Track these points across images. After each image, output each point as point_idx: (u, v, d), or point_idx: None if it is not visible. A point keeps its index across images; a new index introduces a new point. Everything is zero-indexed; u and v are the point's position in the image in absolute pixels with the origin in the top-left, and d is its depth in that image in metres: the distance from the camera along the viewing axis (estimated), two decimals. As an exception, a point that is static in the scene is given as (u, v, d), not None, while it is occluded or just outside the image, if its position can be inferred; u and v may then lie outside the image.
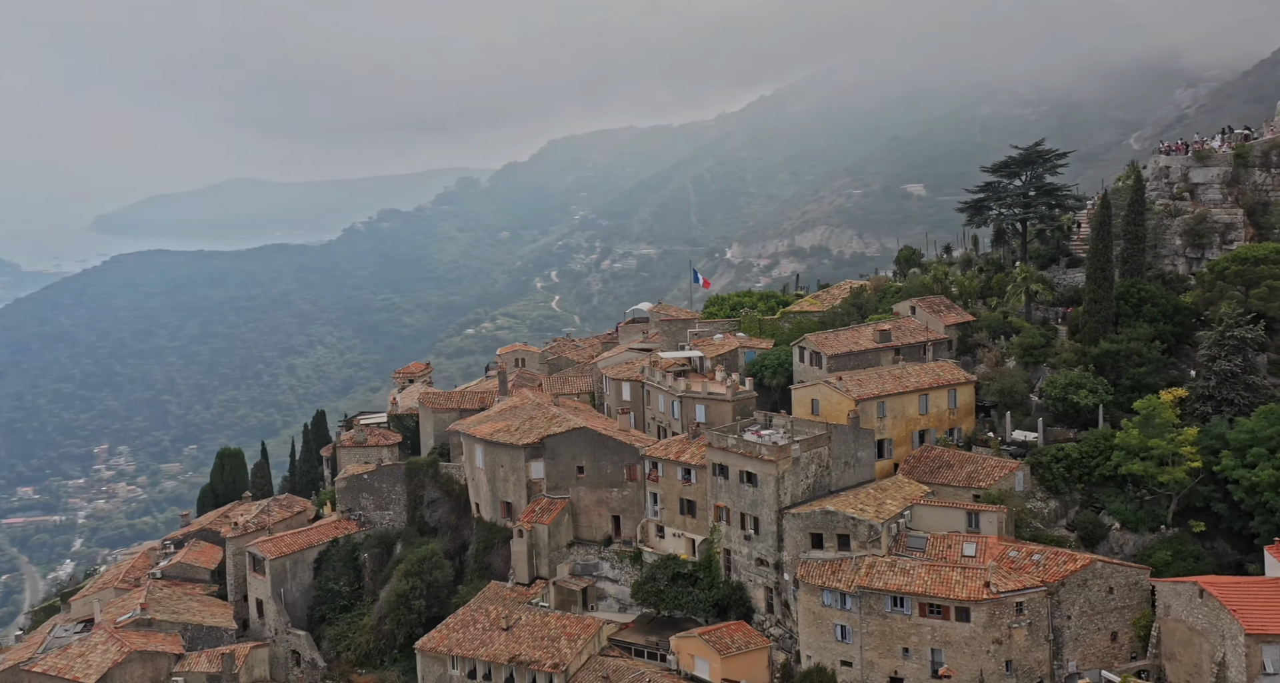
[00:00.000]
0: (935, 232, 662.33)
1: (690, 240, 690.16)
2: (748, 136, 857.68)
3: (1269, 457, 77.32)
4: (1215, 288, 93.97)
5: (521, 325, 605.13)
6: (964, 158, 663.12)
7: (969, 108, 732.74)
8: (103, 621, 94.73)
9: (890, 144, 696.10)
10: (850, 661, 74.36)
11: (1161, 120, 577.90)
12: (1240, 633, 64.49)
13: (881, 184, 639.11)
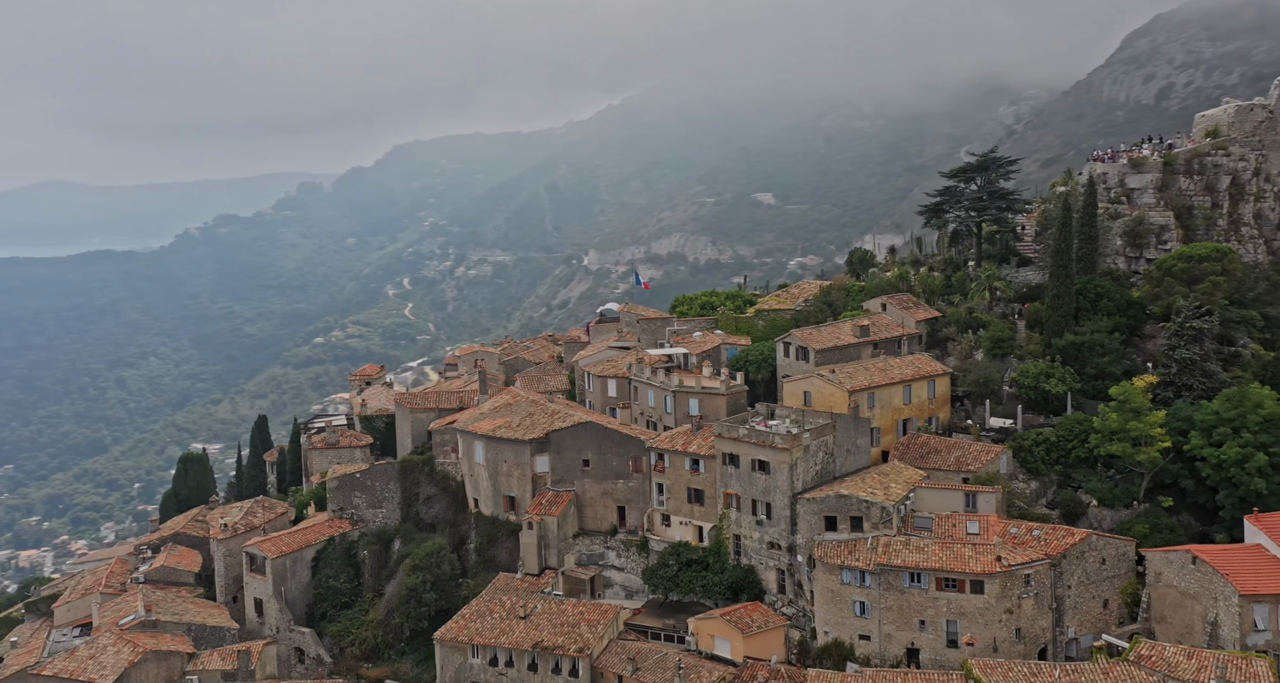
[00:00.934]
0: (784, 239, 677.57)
1: (546, 247, 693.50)
2: (599, 144, 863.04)
3: (1233, 436, 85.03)
4: (1163, 284, 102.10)
5: (374, 334, 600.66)
6: (809, 168, 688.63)
7: (812, 120, 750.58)
8: (102, 624, 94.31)
9: (740, 154, 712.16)
10: (868, 635, 79.38)
11: (990, 135, 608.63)
12: (1234, 594, 71.48)
13: (733, 193, 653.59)
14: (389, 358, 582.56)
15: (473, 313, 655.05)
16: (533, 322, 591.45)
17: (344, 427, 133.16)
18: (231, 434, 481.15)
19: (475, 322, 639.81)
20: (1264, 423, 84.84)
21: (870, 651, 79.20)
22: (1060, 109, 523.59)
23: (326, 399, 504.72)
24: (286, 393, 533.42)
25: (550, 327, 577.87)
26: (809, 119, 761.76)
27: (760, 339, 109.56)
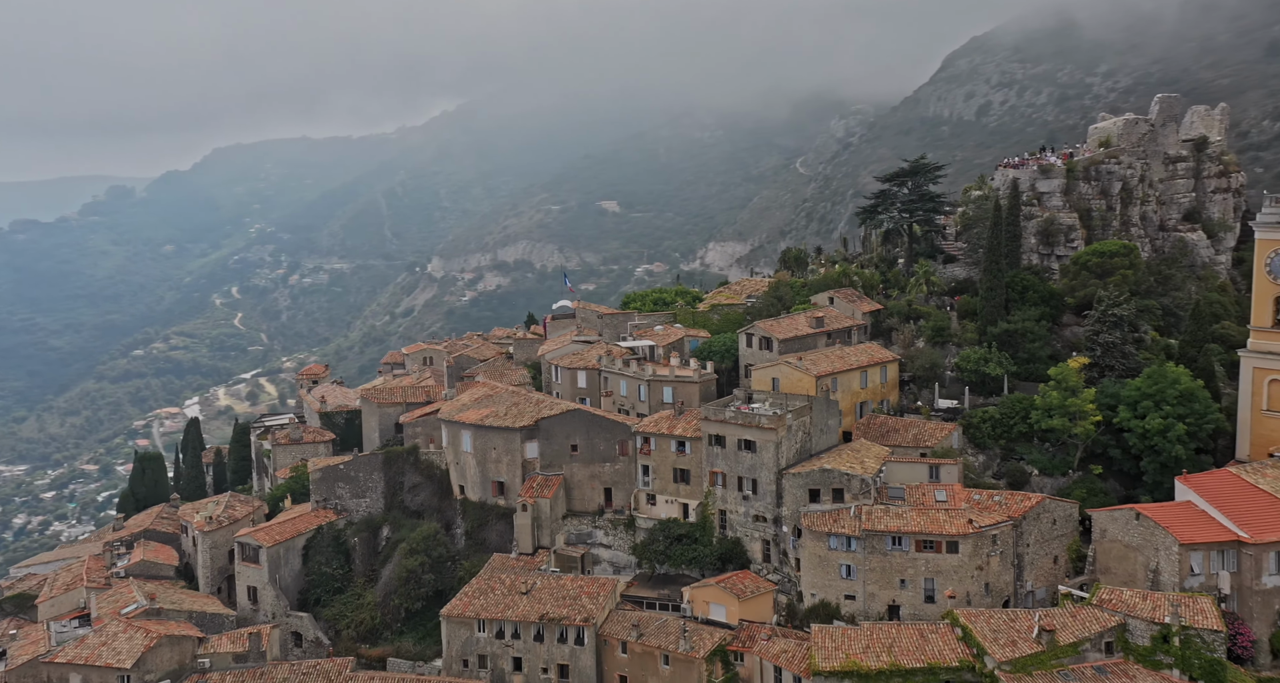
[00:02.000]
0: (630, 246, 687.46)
1: (385, 254, 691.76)
2: (438, 150, 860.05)
3: (1155, 409, 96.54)
4: (1079, 277, 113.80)
5: (201, 345, 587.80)
6: (653, 177, 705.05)
7: (654, 130, 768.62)
8: (102, 614, 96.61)
9: (584, 162, 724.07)
10: (853, 595, 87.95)
11: (823, 148, 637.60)
12: (1174, 544, 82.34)
13: (578, 200, 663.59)
14: (219, 370, 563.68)
15: (309, 322, 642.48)
16: (375, 331, 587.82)
17: (285, 426, 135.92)
18: (40, 454, 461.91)
19: (312, 331, 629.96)
20: (1180, 397, 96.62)
21: (855, 609, 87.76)
22: (891, 123, 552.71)
23: (151, 414, 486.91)
24: (103, 409, 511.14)
25: (395, 335, 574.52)
26: (651, 128, 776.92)
27: (716, 332, 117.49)
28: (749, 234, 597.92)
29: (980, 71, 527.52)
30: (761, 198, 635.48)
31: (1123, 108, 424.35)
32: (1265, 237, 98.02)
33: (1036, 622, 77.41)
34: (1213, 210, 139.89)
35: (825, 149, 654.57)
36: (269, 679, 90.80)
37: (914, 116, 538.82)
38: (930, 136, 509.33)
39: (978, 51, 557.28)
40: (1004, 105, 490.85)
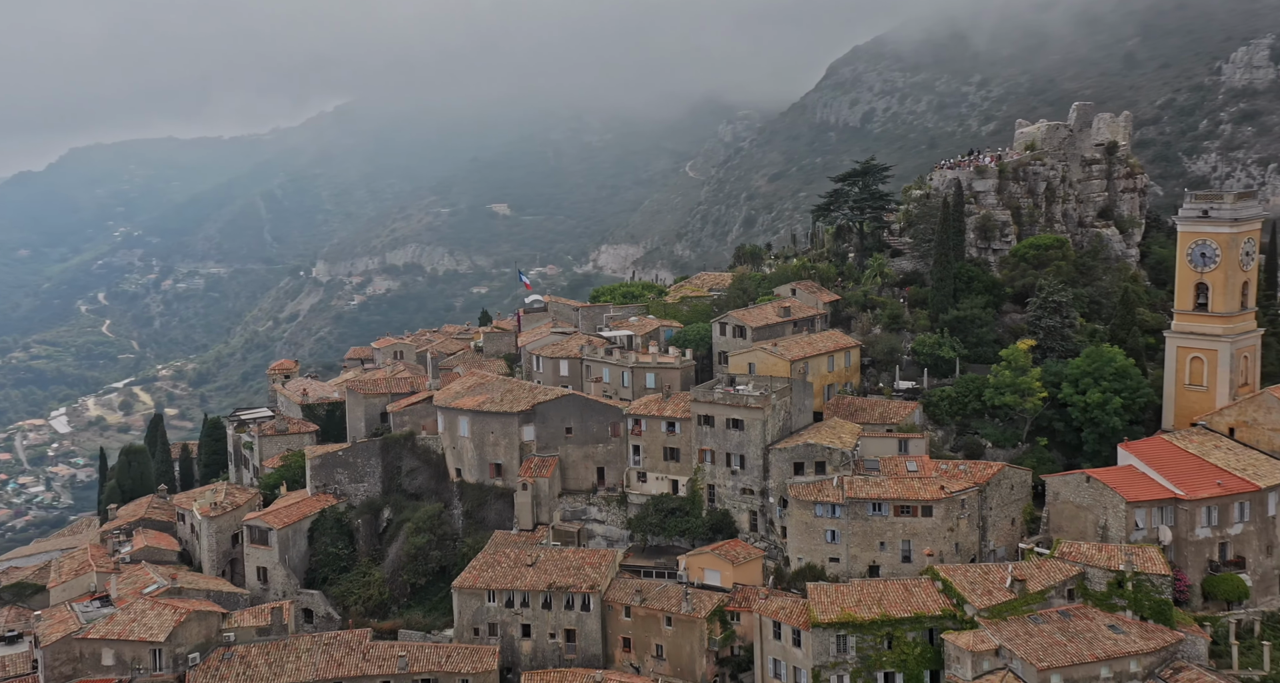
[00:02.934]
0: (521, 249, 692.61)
1: (266, 259, 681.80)
2: (318, 152, 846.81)
3: (1094, 385, 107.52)
4: (1018, 268, 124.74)
5: (65, 354, 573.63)
6: (542, 180, 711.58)
7: (542, 133, 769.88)
8: (123, 595, 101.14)
9: (472, 165, 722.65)
10: (837, 557, 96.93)
11: (712, 152, 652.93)
12: (1122, 503, 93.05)
13: (468, 203, 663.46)
14: (86, 380, 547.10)
15: (184, 329, 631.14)
16: (258, 336, 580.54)
17: (266, 418, 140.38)
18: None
19: (188, 338, 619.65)
20: (1116, 374, 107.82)
21: (839, 570, 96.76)
22: (781, 128, 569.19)
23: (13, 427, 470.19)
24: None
25: (280, 341, 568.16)
26: (540, 132, 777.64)
27: (686, 322, 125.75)
28: (641, 237, 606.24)
29: (864, 80, 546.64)
30: (653, 201, 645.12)
31: (995, 115, 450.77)
32: (1186, 230, 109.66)
33: (1009, 573, 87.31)
34: (1123, 208, 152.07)
35: (714, 153, 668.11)
36: (292, 650, 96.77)
37: (802, 122, 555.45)
38: (819, 141, 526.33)
39: (860, 60, 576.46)
40: (887, 112, 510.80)
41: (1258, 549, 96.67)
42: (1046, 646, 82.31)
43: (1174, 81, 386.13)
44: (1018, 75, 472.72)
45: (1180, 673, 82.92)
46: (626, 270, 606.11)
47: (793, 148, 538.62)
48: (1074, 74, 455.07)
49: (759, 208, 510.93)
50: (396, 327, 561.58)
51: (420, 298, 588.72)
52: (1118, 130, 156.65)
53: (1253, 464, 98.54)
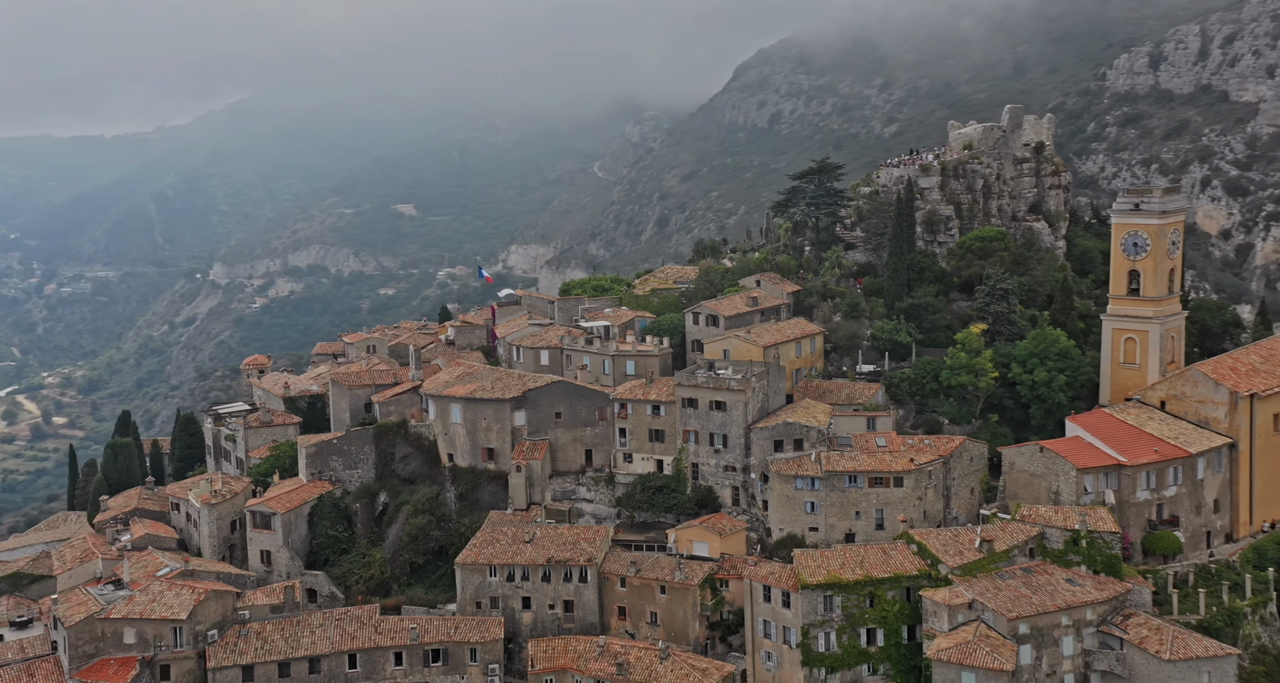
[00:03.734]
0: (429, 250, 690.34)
1: (158, 261, 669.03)
2: (211, 152, 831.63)
3: (1040, 364, 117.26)
4: (964, 259, 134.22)
5: None
6: (448, 180, 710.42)
7: (447, 132, 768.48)
8: (136, 578, 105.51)
9: (375, 165, 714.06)
10: (816, 527, 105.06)
11: (620, 152, 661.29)
12: (1073, 470, 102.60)
13: (372, 204, 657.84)
14: None
15: (70, 334, 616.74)
16: (153, 341, 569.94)
17: (245, 412, 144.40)
18: None
19: (75, 344, 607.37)
20: (1060, 354, 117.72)
21: (818, 539, 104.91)
22: (691, 129, 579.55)
23: None
24: None
25: (178, 345, 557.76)
26: (444, 131, 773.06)
27: (657, 312, 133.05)
28: (552, 237, 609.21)
29: (770, 82, 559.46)
30: (562, 201, 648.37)
31: (897, 117, 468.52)
32: (1119, 222, 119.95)
33: (978, 535, 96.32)
34: (1050, 204, 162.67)
35: (623, 153, 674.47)
36: (306, 626, 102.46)
37: (712, 123, 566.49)
38: (728, 142, 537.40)
39: (766, 63, 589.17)
40: (794, 114, 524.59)
41: (1189, 509, 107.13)
42: (1014, 598, 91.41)
43: (1063, 86, 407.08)
44: (917, 79, 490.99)
45: (1129, 620, 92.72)
46: (537, 271, 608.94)
47: (703, 148, 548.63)
48: (969, 78, 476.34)
49: (672, 207, 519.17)
50: (301, 329, 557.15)
51: (325, 300, 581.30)
52: (1042, 131, 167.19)
53: (1183, 433, 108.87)
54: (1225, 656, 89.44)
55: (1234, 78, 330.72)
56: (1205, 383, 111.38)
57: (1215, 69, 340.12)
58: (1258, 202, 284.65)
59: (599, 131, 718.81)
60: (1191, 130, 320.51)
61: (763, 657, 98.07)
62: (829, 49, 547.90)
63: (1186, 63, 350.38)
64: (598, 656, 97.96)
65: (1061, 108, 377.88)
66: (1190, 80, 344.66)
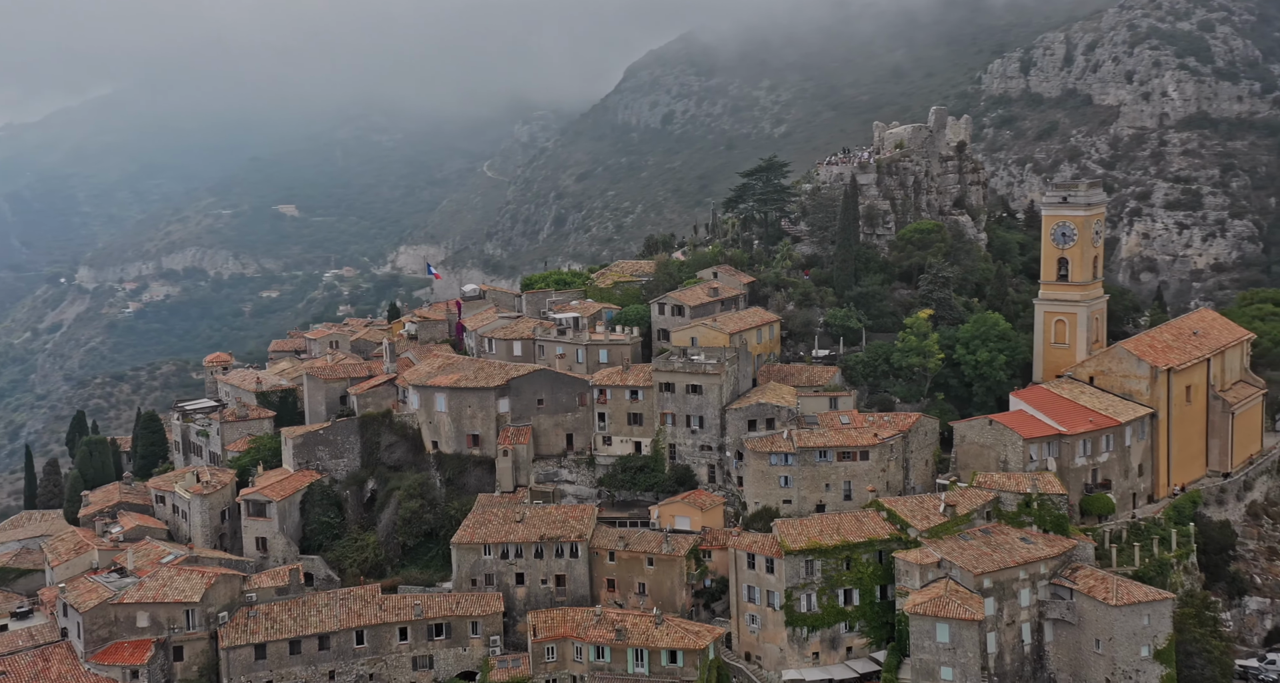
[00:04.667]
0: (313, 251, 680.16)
1: (14, 265, 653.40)
2: (70, 151, 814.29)
3: (982, 346, 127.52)
4: (905, 250, 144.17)
5: None
6: (331, 180, 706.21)
7: (327, 131, 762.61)
8: (140, 566, 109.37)
9: (252, 165, 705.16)
10: (790, 499, 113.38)
11: (509, 152, 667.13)
12: (1020, 440, 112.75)
13: (251, 204, 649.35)
14: None
15: None
16: (14, 349, 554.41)
17: (211, 409, 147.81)
18: None
19: None
20: (1000, 336, 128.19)
21: (791, 510, 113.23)
22: (584, 129, 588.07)
23: None
24: None
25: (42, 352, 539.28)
26: (325, 130, 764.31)
27: (620, 304, 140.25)
28: (442, 237, 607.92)
29: (661, 83, 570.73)
30: (451, 201, 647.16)
31: (785, 118, 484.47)
32: (1049, 214, 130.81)
33: (942, 500, 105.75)
34: (972, 199, 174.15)
35: (512, 153, 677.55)
36: (312, 606, 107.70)
37: (605, 123, 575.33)
38: (622, 142, 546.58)
39: (657, 64, 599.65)
40: (686, 114, 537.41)
41: (1119, 473, 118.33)
42: (977, 556, 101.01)
43: (941, 89, 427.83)
44: (803, 81, 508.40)
45: (1077, 572, 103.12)
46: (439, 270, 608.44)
47: (597, 148, 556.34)
48: (852, 80, 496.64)
49: (569, 207, 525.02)
50: (180, 334, 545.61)
51: (205, 304, 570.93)
52: (960, 131, 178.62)
53: (1112, 405, 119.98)
54: (1162, 600, 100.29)
55: (1096, 83, 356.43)
56: (1129, 359, 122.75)
57: (1079, 74, 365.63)
58: (1121, 198, 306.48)
59: (486, 131, 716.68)
60: (1061, 131, 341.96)
61: (747, 620, 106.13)
62: (718, 51, 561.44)
63: (1054, 68, 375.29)
64: (595, 624, 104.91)
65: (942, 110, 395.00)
66: (1058, 84, 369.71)
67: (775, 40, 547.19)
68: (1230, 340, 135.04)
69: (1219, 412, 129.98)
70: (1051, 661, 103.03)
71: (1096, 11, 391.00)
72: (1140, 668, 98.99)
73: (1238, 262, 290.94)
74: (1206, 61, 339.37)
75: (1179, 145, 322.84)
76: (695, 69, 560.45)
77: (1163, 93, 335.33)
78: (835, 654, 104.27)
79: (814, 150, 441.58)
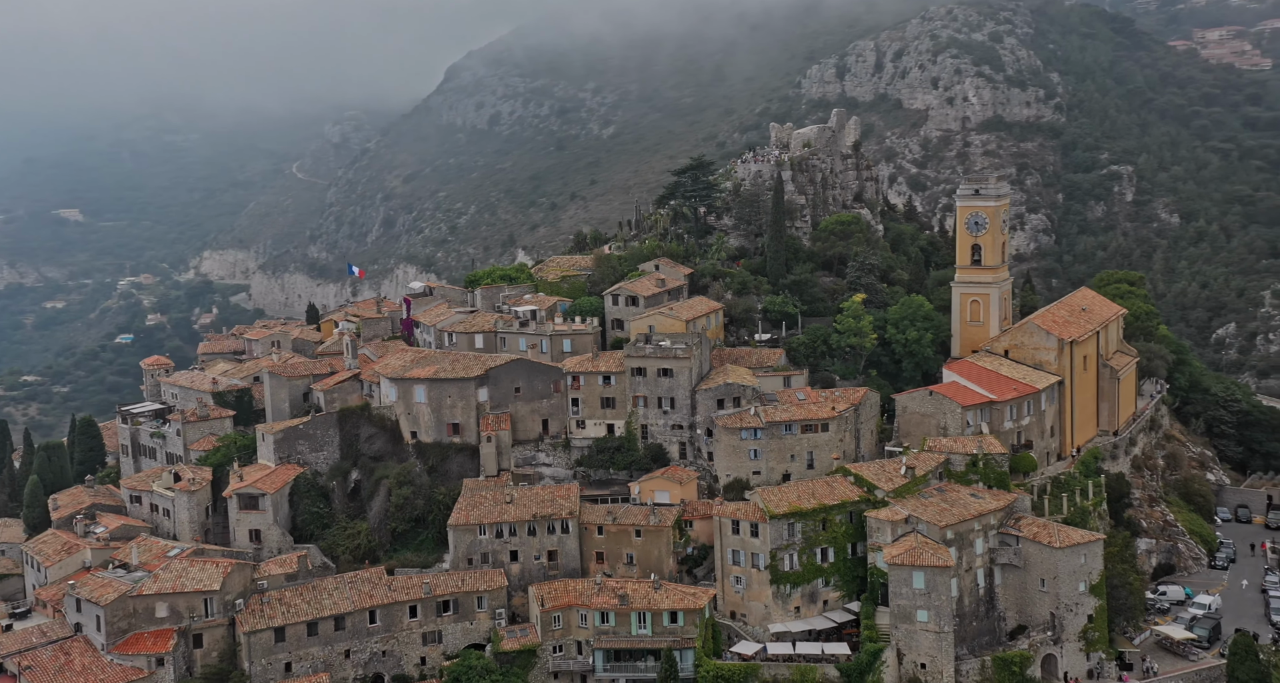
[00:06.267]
0: (103, 258, 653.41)
1: None
2: None
3: (911, 326, 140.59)
4: (828, 241, 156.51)
5: None
6: (119, 183, 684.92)
7: (112, 131, 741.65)
8: (147, 560, 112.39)
9: (27, 166, 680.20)
10: (759, 471, 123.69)
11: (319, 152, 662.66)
12: (958, 407, 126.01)
13: (27, 209, 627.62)
14: None
15: None
16: None
17: (156, 411, 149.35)
18: None
19: None
20: (926, 317, 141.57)
21: (760, 481, 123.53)
22: (408, 130, 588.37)
23: None
24: None
25: None
26: (109, 130, 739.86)
27: (569, 297, 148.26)
28: (252, 241, 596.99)
29: (485, 84, 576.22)
30: (259, 204, 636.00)
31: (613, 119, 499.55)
32: (963, 204, 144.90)
33: (903, 464, 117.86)
34: (867, 193, 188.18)
35: (324, 154, 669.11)
36: (322, 590, 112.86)
37: (429, 123, 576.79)
38: (449, 143, 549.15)
39: (480, 64, 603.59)
40: (513, 116, 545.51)
41: (1038, 435, 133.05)
42: (938, 511, 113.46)
43: (763, 92, 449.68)
44: (628, 84, 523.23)
45: (1020, 521, 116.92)
46: (239, 276, 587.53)
47: (423, 149, 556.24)
48: (675, 83, 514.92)
49: (398, 208, 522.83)
50: None
51: None
52: (853, 132, 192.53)
53: (1028, 374, 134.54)
54: (1095, 541, 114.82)
55: (905, 88, 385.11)
56: (1039, 333, 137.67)
57: (889, 80, 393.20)
58: (934, 195, 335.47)
59: (292, 132, 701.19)
60: (876, 133, 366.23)
61: (732, 581, 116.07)
62: (541, 52, 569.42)
63: (866, 74, 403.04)
64: (598, 592, 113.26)
65: (767, 112, 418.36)
66: (870, 89, 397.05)
67: (597, 44, 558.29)
68: (1110, 316, 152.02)
69: (1107, 378, 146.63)
70: (1000, 601, 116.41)
71: (901, 22, 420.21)
72: (1079, 601, 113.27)
73: (1035, 252, 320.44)
74: (999, 70, 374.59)
75: (980, 146, 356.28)
76: (519, 71, 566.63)
77: (964, 98, 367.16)
78: (814, 607, 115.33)
79: (644, 150, 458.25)
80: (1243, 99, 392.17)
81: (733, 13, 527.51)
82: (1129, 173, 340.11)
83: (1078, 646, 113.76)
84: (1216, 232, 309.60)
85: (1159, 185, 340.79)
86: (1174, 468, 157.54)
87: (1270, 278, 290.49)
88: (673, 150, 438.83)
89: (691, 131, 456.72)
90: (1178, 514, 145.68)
